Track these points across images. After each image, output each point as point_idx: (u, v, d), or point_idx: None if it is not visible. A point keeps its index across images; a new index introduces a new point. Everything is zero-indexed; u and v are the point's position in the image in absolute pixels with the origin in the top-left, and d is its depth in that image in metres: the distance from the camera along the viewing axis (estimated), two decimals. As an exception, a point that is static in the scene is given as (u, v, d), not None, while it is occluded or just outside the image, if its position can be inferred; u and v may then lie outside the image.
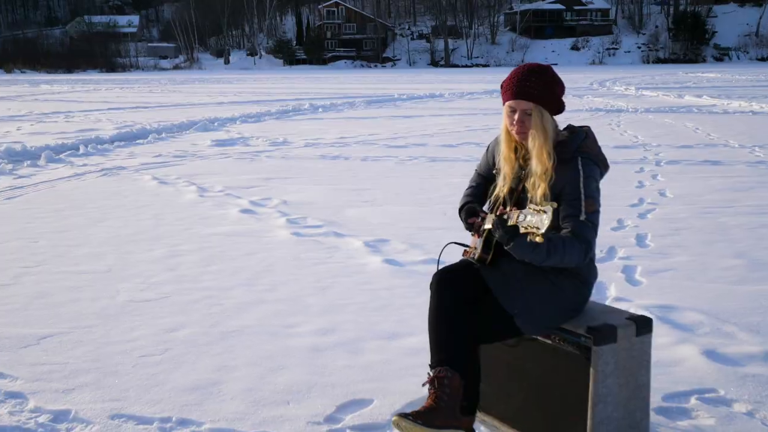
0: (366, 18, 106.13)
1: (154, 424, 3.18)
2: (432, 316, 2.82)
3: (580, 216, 2.70)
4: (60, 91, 35.29)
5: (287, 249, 6.08)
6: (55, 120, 18.58)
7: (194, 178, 9.52)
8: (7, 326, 4.33)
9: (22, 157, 11.40)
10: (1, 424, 3.17)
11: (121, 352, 3.96)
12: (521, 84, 2.76)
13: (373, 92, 30.51)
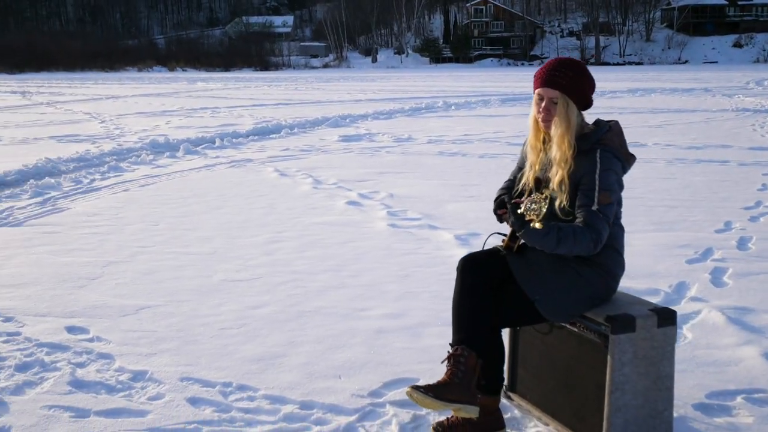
0: (514, 15, 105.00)
1: (216, 387, 3.52)
2: (455, 298, 2.99)
3: (592, 206, 2.79)
4: (213, 88, 37.29)
5: (381, 239, 6.34)
6: (202, 115, 19.75)
7: (312, 171, 9.97)
8: (113, 297, 4.84)
9: (164, 149, 12.31)
10: (87, 379, 3.61)
11: (204, 324, 4.35)
12: (551, 74, 2.88)
13: (511, 90, 30.32)
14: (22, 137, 14.50)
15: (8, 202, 8.00)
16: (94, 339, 4.12)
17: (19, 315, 4.50)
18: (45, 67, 73.39)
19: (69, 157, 11.06)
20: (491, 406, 3.05)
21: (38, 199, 8.20)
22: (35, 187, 8.71)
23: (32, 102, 25.86)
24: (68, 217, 7.28)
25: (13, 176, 9.48)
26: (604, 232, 2.80)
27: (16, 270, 5.48)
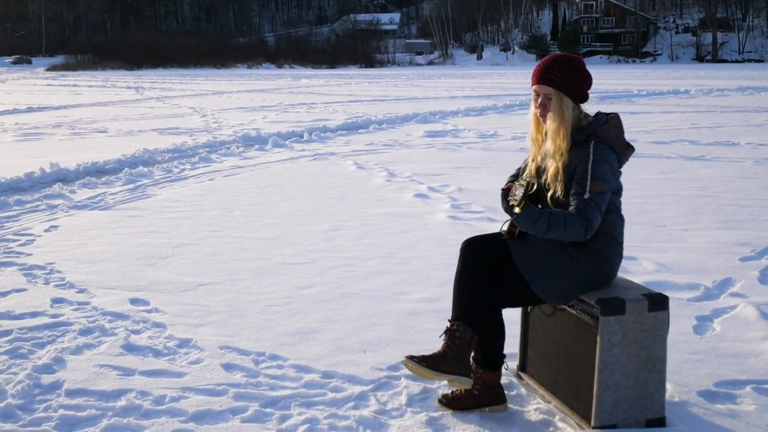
0: (626, 11, 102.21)
1: (250, 356, 3.85)
2: (456, 277, 3.20)
3: (584, 194, 2.94)
4: (315, 84, 38.17)
5: (438, 230, 6.56)
6: (298, 111, 20.39)
7: (390, 165, 10.26)
8: (178, 275, 5.26)
9: (254, 142, 12.88)
10: (138, 344, 4.00)
11: (253, 301, 4.70)
12: (545, 71, 3.05)
13: (613, 88, 29.74)
14: (127, 129, 15.42)
15: (103, 188, 8.65)
16: (153, 310, 4.54)
17: (91, 287, 4.97)
18: (161, 64, 76.75)
19: (165, 149, 11.75)
20: (491, 381, 3.25)
21: (130, 186, 8.82)
22: (129, 175, 9.36)
23: (144, 97, 27.26)
24: (153, 203, 7.83)
25: (112, 165, 10.18)
26: (595, 219, 2.94)
27: (97, 248, 6.00)
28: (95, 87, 35.70)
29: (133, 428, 3.11)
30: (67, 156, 11.04)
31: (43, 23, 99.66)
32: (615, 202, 3.14)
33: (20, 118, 18.23)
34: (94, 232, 6.57)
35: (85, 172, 9.72)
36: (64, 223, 6.93)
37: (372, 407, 3.30)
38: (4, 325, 4.26)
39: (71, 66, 73.24)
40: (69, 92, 30.43)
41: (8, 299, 4.75)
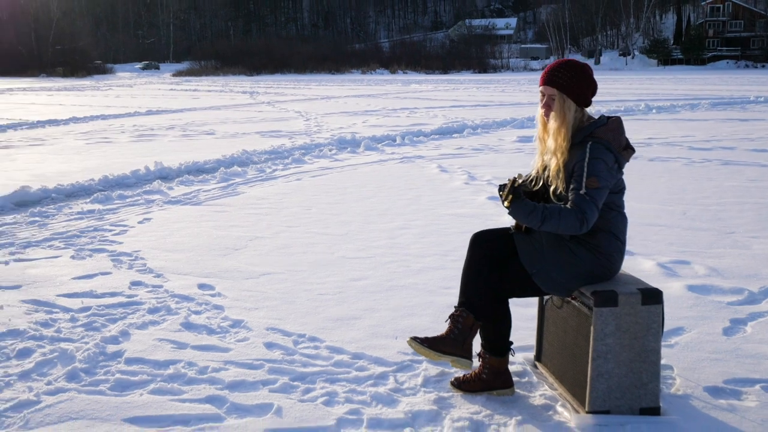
0: (756, 14, 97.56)
1: (291, 337, 4.22)
2: (464, 267, 3.46)
3: (580, 190, 3.15)
4: (423, 90, 38.58)
5: (500, 231, 6.76)
6: (399, 115, 20.81)
7: (473, 169, 10.49)
8: (246, 264, 5.72)
9: (348, 145, 13.37)
10: (196, 323, 4.45)
11: (307, 290, 5.08)
12: (551, 73, 3.28)
13: (730, 94, 28.73)
14: (233, 132, 16.26)
15: (198, 186, 9.29)
16: (216, 294, 4.99)
17: (167, 273, 5.49)
18: (279, 70, 79.22)
19: (263, 150, 12.39)
20: (499, 366, 3.49)
21: (223, 184, 9.43)
22: (224, 174, 9.99)
23: (256, 101, 28.41)
24: (240, 200, 8.38)
25: (211, 164, 10.87)
26: (590, 213, 3.14)
27: (180, 239, 6.55)
28: (213, 92, 37.38)
29: (174, 392, 3.53)
30: (172, 156, 11.84)
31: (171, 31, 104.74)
32: (616, 200, 3.33)
33: (139, 120, 19.47)
34: (181, 224, 7.14)
35: (185, 170, 10.42)
36: (157, 216, 7.55)
37: (389, 386, 3.60)
38: (85, 303, 4.81)
39: (195, 72, 76.72)
40: (188, 96, 32.05)
41: (94, 281, 5.32)
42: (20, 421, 3.25)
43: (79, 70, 72.45)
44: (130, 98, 30.82)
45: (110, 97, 31.88)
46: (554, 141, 3.28)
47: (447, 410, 3.36)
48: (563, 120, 3.26)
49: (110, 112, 21.84)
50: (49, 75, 71.47)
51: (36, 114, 21.41)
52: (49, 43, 78.89)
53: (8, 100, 30.15)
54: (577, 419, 3.23)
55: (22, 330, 4.32)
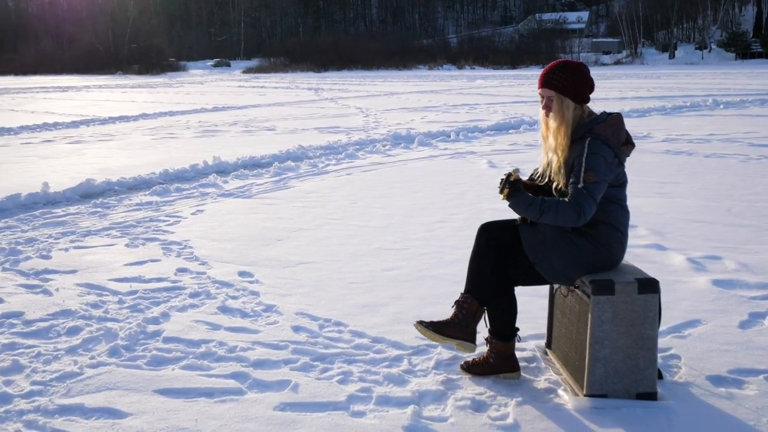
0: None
1: (318, 321, 4.48)
2: (471, 255, 3.65)
3: (578, 184, 3.31)
4: (488, 85, 38.45)
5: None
6: (458, 111, 20.91)
7: (522, 165, 10.56)
8: (286, 254, 6.01)
9: (402, 141, 13.59)
10: (232, 307, 4.76)
11: (341, 278, 5.33)
12: (547, 76, 3.45)
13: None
14: (293, 128, 16.66)
15: (252, 180, 9.66)
16: (254, 281, 5.29)
17: (211, 261, 5.82)
18: (346, 66, 79.83)
19: (318, 146, 12.73)
20: (505, 351, 3.67)
21: (275, 178, 9.77)
22: (277, 169, 10.34)
23: (319, 97, 28.86)
24: (289, 193, 8.70)
25: (267, 159, 11.25)
26: (587, 205, 3.29)
27: (228, 229, 6.89)
28: (280, 88, 38.05)
29: (203, 368, 3.82)
30: (230, 151, 12.27)
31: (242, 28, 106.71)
32: (617, 194, 3.47)
33: (204, 116, 20.08)
34: (230, 216, 7.49)
35: (242, 165, 10.81)
36: (209, 208, 7.92)
37: (402, 367, 3.82)
38: (133, 287, 5.17)
39: (264, 68, 77.98)
40: (255, 93, 32.74)
41: (143, 267, 5.68)
42: (63, 390, 3.59)
43: (153, 68, 74.48)
44: (200, 95, 31.67)
45: (180, 94, 32.82)
46: (554, 139, 3.44)
47: (453, 391, 3.56)
48: (562, 119, 3.42)
49: (178, 109, 22.56)
50: (125, 72, 73.72)
51: (109, 110, 22.27)
52: (125, 42, 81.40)
53: (84, 97, 31.35)
54: (574, 402, 3.39)
55: (73, 310, 4.69)
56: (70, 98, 30.01)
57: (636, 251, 5.91)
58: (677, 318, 4.44)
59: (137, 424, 3.25)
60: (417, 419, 3.27)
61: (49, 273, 5.54)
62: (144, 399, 3.49)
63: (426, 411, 3.37)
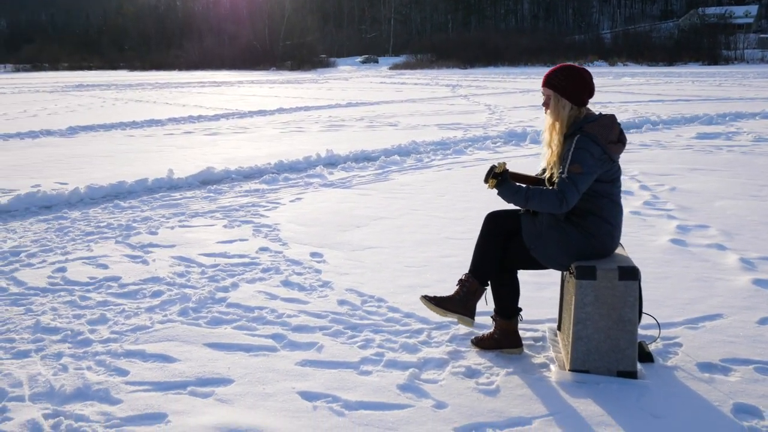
0: None
1: (363, 297, 5.02)
2: (477, 240, 4.06)
3: (564, 174, 3.66)
4: (633, 83, 37.46)
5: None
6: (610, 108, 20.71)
7: (627, 163, 10.60)
8: (358, 239, 6.58)
9: (514, 138, 13.87)
10: (293, 281, 5.38)
11: (398, 262, 5.85)
12: (549, 77, 3.83)
13: None
14: (414, 124, 17.24)
15: (356, 172, 10.31)
16: (321, 261, 5.89)
17: (291, 242, 6.49)
18: (492, 62, 79.62)
19: (431, 141, 13.23)
20: (508, 328, 4.07)
21: (378, 171, 10.38)
22: (383, 162, 10.94)
23: (454, 94, 29.30)
24: (385, 185, 9.27)
25: (376, 153, 11.87)
26: (569, 193, 3.64)
27: (315, 216, 7.55)
28: (419, 85, 38.77)
29: (250, 329, 4.46)
30: (347, 144, 13.01)
31: (392, 25, 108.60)
32: (608, 189, 3.79)
33: (336, 111, 21.04)
34: (323, 204, 8.16)
35: (352, 158, 11.50)
36: (308, 196, 8.63)
37: (420, 339, 4.29)
38: (217, 261, 5.91)
39: (411, 65, 79.13)
40: (392, 89, 33.61)
41: (231, 245, 6.43)
42: (132, 339, 4.32)
43: (305, 64, 77.39)
44: (340, 91, 32.89)
45: (323, 89, 34.20)
46: (549, 134, 3.82)
47: (456, 360, 4.00)
48: (557, 116, 3.79)
49: (314, 104, 23.69)
50: (278, 68, 77.04)
51: (251, 105, 23.72)
52: (280, 39, 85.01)
53: (234, 91, 33.34)
54: (558, 375, 3.75)
55: (161, 278, 5.48)
56: (220, 93, 32.03)
57: (693, 249, 6.06)
58: (699, 311, 4.64)
59: (181, 367, 3.92)
60: (412, 380, 3.74)
61: (152, 247, 6.39)
62: (193, 349, 4.16)
63: (424, 375, 3.83)
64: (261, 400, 3.55)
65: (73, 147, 13.57)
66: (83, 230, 6.98)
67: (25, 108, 23.91)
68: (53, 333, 4.41)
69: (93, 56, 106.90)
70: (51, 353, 4.12)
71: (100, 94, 32.58)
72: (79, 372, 3.85)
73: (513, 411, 3.43)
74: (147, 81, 48.55)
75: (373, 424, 3.32)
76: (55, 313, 4.75)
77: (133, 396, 3.59)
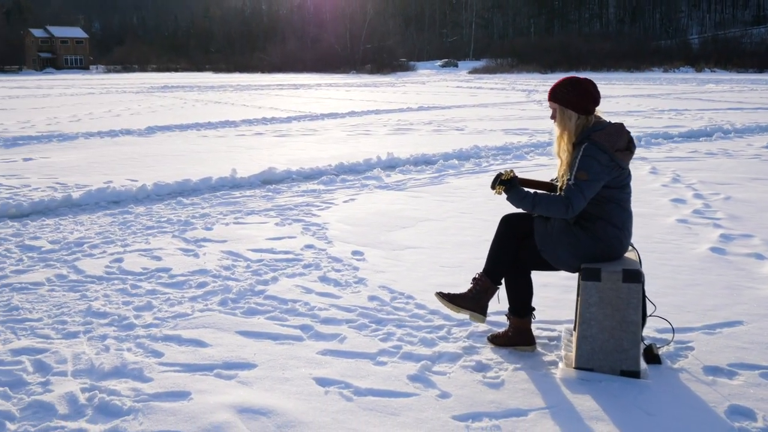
0: None
1: (393, 294, 5.25)
2: (492, 241, 4.24)
3: (570, 180, 3.82)
4: (716, 90, 36.53)
5: (672, 230, 7.13)
6: (660, 116, 20.42)
7: (687, 173, 10.52)
8: (400, 239, 6.81)
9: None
10: (330, 277, 5.64)
11: (434, 262, 6.06)
12: (554, 90, 3.99)
13: None
14: (481, 128, 17.36)
15: (412, 175, 10.55)
16: (361, 260, 6.15)
17: (336, 241, 6.77)
18: (574, 68, 78.47)
19: (493, 146, 13.36)
20: (521, 326, 4.23)
21: (435, 174, 10.58)
22: (441, 166, 11.14)
23: (528, 99, 29.20)
24: (439, 188, 9.47)
25: (438, 157, 12.07)
26: (575, 199, 3.79)
27: (363, 216, 7.82)
28: (495, 90, 38.71)
29: (281, 320, 4.75)
30: (408, 148, 13.24)
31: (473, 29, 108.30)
32: (616, 195, 3.92)
33: (406, 115, 21.31)
34: (374, 205, 8.42)
35: (412, 161, 11.73)
36: (361, 197, 8.91)
37: (439, 334, 4.50)
38: (263, 256, 6.24)
39: (490, 69, 78.79)
40: (467, 94, 33.70)
41: (279, 241, 6.75)
42: (172, 325, 4.67)
43: (384, 68, 78.03)
44: (415, 95, 33.18)
45: (398, 93, 34.55)
46: (558, 145, 3.99)
47: (470, 355, 4.19)
48: (564, 127, 3.95)
49: (385, 108, 24.02)
50: (358, 72, 77.92)
51: (324, 108, 24.22)
52: (360, 42, 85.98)
53: (310, 94, 34.03)
54: (562, 372, 3.90)
55: (208, 270, 5.83)
56: (297, 95, 32.74)
57: (731, 258, 6.07)
58: (720, 318, 4.70)
59: (211, 352, 4.23)
60: (423, 371, 3.95)
61: (205, 241, 6.77)
62: (225, 336, 4.47)
63: (436, 367, 4.03)
64: (278, 383, 3.82)
65: (148, 146, 14.23)
66: (144, 224, 7.43)
67: (110, 108, 25.04)
68: (102, 317, 4.79)
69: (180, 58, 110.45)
70: (97, 335, 4.49)
71: (183, 95, 33.75)
72: (119, 353, 4.21)
73: (512, 403, 3.60)
74: (229, 83, 49.96)
75: (377, 410, 3.54)
76: (106, 300, 5.14)
77: (163, 375, 3.92)
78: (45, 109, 24.43)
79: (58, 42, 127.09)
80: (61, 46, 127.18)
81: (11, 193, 9.15)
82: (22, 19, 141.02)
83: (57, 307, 5.00)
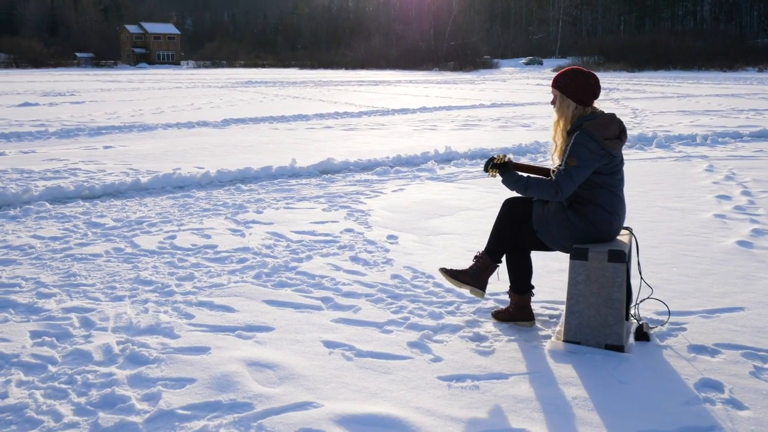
0: None
1: (415, 273, 5.61)
2: (494, 222, 4.55)
3: (561, 166, 4.09)
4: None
5: (706, 226, 7.26)
6: (737, 116, 19.98)
7: (743, 171, 10.42)
8: (436, 225, 7.15)
9: (639, 141, 13.83)
10: (361, 257, 6.03)
11: (462, 247, 6.37)
12: (556, 78, 4.28)
13: None
14: (548, 125, 17.40)
15: (466, 168, 10.84)
16: (394, 243, 6.52)
17: (375, 226, 7.16)
18: (663, 66, 76.68)
19: (545, 142, 13.46)
20: (521, 302, 4.53)
21: (488, 167, 10.81)
22: (495, 160, 11.36)
23: (606, 97, 28.82)
24: (487, 181, 9.74)
25: (494, 152, 12.31)
26: (564, 183, 4.07)
27: (408, 204, 8.18)
28: (575, 87, 38.29)
29: (305, 292, 5.17)
30: (469, 143, 13.52)
31: (560, 26, 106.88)
32: (608, 180, 4.18)
33: (476, 112, 21.52)
34: (421, 195, 8.77)
35: (469, 155, 12.01)
36: (410, 188, 9.27)
37: (448, 309, 4.83)
38: (303, 238, 6.68)
39: (574, 67, 77.70)
40: (544, 92, 33.53)
41: (322, 225, 7.19)
42: (207, 293, 5.15)
43: (467, 65, 78.02)
44: (492, 92, 33.26)
45: (475, 90, 34.69)
46: (554, 130, 4.27)
47: (471, 327, 4.52)
48: (561, 114, 4.23)
49: (458, 104, 24.28)
50: (441, 69, 78.12)
51: (398, 104, 24.65)
52: (444, 39, 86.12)
53: (388, 91, 34.52)
54: (551, 344, 4.19)
55: (251, 248, 6.31)
56: (375, 92, 33.29)
57: (755, 251, 6.19)
58: (724, 304, 4.87)
59: (237, 316, 4.69)
60: (422, 339, 4.30)
61: (253, 223, 7.27)
62: (252, 304, 4.92)
63: (437, 336, 4.38)
64: (290, 344, 4.24)
65: (221, 137, 14.95)
66: (202, 207, 7.99)
67: (193, 101, 26.12)
68: (147, 285, 5.32)
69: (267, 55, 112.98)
70: (139, 299, 5.01)
71: (264, 90, 34.78)
72: (156, 314, 4.70)
73: (496, 368, 3.92)
74: (311, 79, 51.01)
75: (372, 368, 3.92)
76: (154, 270, 5.68)
77: (190, 334, 4.39)
78: (132, 102, 25.70)
79: (152, 38, 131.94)
80: (154, 41, 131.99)
81: (87, 176, 9.91)
82: (119, 16, 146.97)
83: (110, 275, 5.56)
